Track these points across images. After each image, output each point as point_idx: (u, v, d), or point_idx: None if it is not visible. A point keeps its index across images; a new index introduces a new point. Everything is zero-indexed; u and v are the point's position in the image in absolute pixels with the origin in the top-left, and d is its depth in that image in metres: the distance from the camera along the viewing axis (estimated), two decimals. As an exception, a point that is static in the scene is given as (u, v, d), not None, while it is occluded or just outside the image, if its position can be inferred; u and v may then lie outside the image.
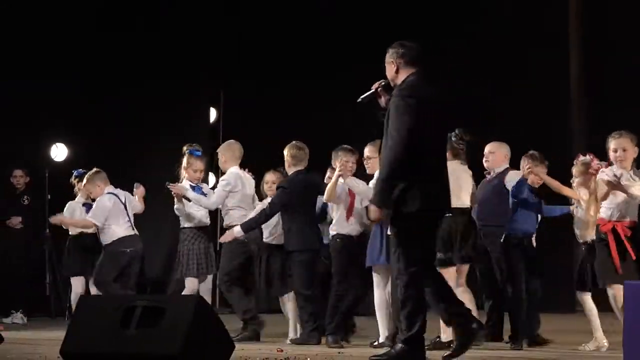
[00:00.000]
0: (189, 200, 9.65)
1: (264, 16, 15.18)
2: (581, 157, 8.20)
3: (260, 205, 9.49)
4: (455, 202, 8.45)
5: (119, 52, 14.16)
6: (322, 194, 9.01)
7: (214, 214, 10.24)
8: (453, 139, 8.67)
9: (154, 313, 6.05)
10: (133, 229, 10.22)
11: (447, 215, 8.41)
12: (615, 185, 7.62)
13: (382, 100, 7.08)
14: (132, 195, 10.32)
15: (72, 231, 10.95)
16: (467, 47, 14.91)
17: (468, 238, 8.53)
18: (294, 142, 9.16)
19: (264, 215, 9.11)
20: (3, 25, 13.59)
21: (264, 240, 9.50)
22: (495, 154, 9.47)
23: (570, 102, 14.59)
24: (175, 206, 9.78)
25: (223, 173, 9.86)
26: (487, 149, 9.48)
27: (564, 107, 14.53)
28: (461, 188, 8.54)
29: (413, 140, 6.66)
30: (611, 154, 7.81)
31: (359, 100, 7.11)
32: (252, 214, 9.37)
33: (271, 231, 9.45)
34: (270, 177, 9.51)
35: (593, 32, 14.44)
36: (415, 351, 6.74)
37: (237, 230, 9.14)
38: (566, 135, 14.18)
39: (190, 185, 9.77)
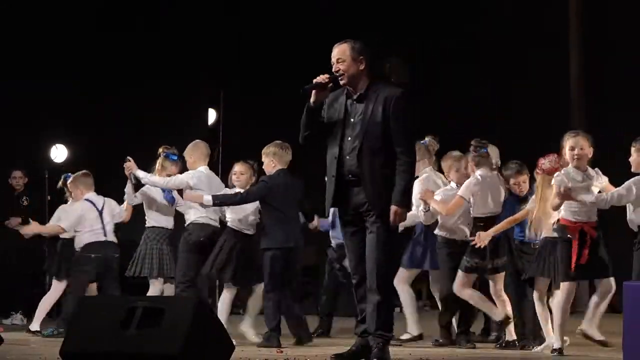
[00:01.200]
0: (138, 182, 9.63)
1: (264, 16, 15.20)
2: (541, 160, 8.19)
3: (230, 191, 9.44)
4: (486, 211, 8.50)
5: (119, 53, 14.17)
6: (301, 195, 9.03)
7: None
8: (472, 149, 8.72)
9: (154, 314, 6.04)
10: (105, 235, 10.15)
11: (478, 224, 8.48)
12: (564, 195, 7.65)
13: (321, 94, 6.96)
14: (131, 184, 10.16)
15: (63, 234, 10.87)
16: (467, 47, 14.93)
17: (499, 247, 8.56)
18: (276, 141, 9.12)
19: (238, 198, 9.00)
20: (3, 25, 13.59)
21: (230, 224, 9.40)
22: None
23: (570, 102, 14.59)
24: (126, 188, 9.74)
25: None
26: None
27: (564, 107, 14.54)
28: (489, 196, 8.58)
29: None
30: (568, 152, 7.80)
31: (304, 89, 7.00)
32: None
33: (242, 219, 9.37)
34: (239, 168, 9.37)
35: (593, 32, 14.46)
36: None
37: (207, 199, 8.98)
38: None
39: (162, 189, 9.76)
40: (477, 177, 8.62)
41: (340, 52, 6.97)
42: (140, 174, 9.56)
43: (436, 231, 8.94)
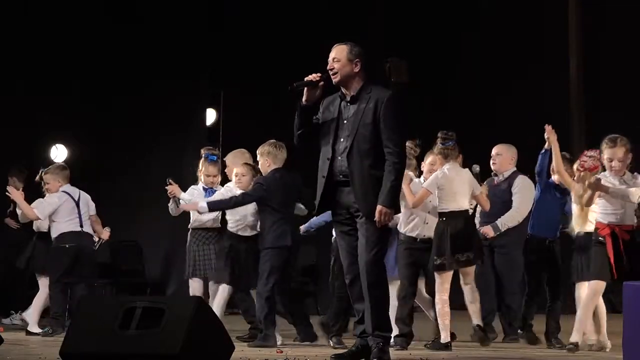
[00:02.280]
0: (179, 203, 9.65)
1: (264, 16, 15.18)
2: (584, 153, 8.19)
3: (223, 189, 9.39)
4: (450, 205, 8.46)
5: (119, 53, 14.16)
6: (297, 193, 9.01)
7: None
8: (439, 141, 8.63)
9: (154, 314, 6.04)
10: (81, 226, 10.15)
11: (442, 219, 8.45)
12: (596, 186, 7.66)
13: (312, 93, 7.01)
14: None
15: (35, 227, 10.83)
16: (467, 47, 14.92)
17: (465, 240, 8.49)
18: (272, 140, 9.11)
19: (233, 201, 8.98)
20: (3, 25, 13.58)
21: (228, 227, 9.39)
22: (502, 157, 9.45)
23: (570, 103, 14.59)
24: (169, 204, 9.76)
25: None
26: (494, 151, 9.46)
27: (564, 107, 14.53)
28: (455, 191, 8.50)
29: None
30: (606, 162, 7.84)
31: (293, 86, 7.02)
32: (216, 195, 9.31)
33: (238, 221, 9.37)
34: (239, 170, 9.32)
35: (592, 32, 14.45)
36: None
37: (202, 206, 8.98)
38: (565, 136, 14.17)
39: (204, 188, 9.73)
40: (444, 171, 8.55)
41: (337, 52, 7.05)
42: (185, 196, 9.53)
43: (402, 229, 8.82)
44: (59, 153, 13.67)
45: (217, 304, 9.24)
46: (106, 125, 13.99)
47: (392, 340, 8.48)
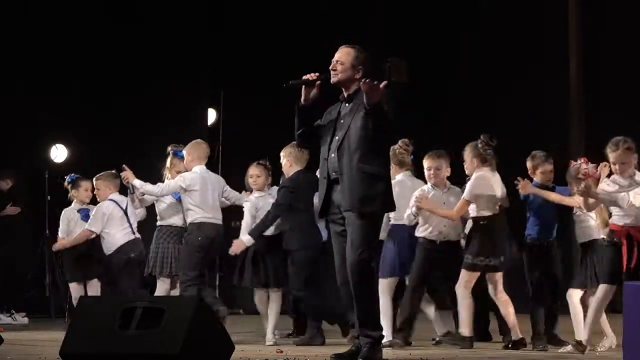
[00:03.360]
0: (135, 189, 9.68)
1: (264, 16, 15.18)
2: (572, 164, 8.18)
3: (246, 205, 9.38)
4: (488, 210, 8.47)
5: (119, 53, 14.16)
6: None
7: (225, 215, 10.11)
8: (479, 145, 8.62)
9: (154, 314, 6.05)
10: (134, 233, 10.12)
11: (482, 222, 8.45)
12: (584, 192, 7.67)
13: (310, 92, 7.00)
14: (130, 194, 10.16)
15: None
16: (467, 47, 14.92)
17: (503, 245, 8.54)
18: (294, 142, 9.11)
19: (271, 218, 9.03)
20: (3, 25, 13.58)
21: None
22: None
23: (570, 103, 14.58)
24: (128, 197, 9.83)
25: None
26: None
27: (564, 107, 14.53)
28: (493, 195, 8.52)
29: None
30: (612, 167, 7.84)
31: (289, 83, 7.02)
32: (246, 216, 9.29)
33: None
34: (253, 171, 9.38)
35: (592, 32, 14.44)
36: None
37: (247, 239, 9.03)
38: (565, 136, 14.19)
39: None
40: (480, 177, 8.54)
41: (342, 55, 7.04)
42: (137, 183, 9.62)
43: (418, 233, 8.85)
44: (59, 153, 13.68)
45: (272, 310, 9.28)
46: (106, 125, 13.98)
47: (390, 338, 8.53)
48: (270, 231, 9.21)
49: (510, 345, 8.49)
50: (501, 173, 9.25)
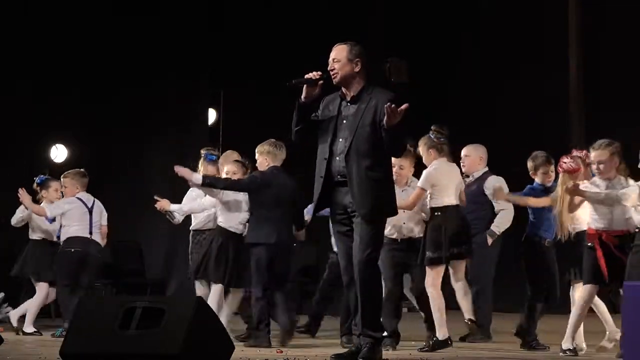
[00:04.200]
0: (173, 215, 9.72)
1: (264, 16, 15.19)
2: (573, 152, 8.18)
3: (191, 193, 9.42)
4: (445, 200, 8.43)
5: (119, 53, 14.16)
6: (292, 195, 8.95)
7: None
8: (432, 135, 8.55)
9: (154, 314, 6.05)
10: (90, 233, 10.14)
11: (436, 213, 8.41)
12: (572, 191, 7.67)
13: (311, 91, 7.01)
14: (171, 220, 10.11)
15: (32, 235, 10.78)
16: (467, 47, 14.92)
17: (460, 234, 8.45)
18: (271, 139, 9.10)
19: (228, 183, 8.95)
20: (3, 25, 13.58)
21: (219, 223, 9.32)
22: (470, 158, 9.46)
23: (570, 103, 14.58)
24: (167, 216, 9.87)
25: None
26: (463, 152, 9.46)
27: (564, 107, 14.53)
28: (448, 186, 8.45)
29: None
30: (592, 166, 7.83)
31: (292, 82, 7.02)
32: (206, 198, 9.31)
33: (232, 218, 9.33)
34: (230, 167, 9.29)
35: (592, 32, 14.45)
36: None
37: (196, 177, 8.94)
38: (565, 136, 14.18)
39: None
40: (437, 167, 8.46)
41: (337, 53, 7.05)
42: (174, 207, 9.63)
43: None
44: (59, 153, 13.67)
45: (211, 302, 9.19)
46: (106, 125, 13.98)
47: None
48: (238, 229, 9.20)
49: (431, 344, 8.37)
50: (501, 173, 9.27)
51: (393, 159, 8.53)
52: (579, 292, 8.05)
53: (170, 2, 14.88)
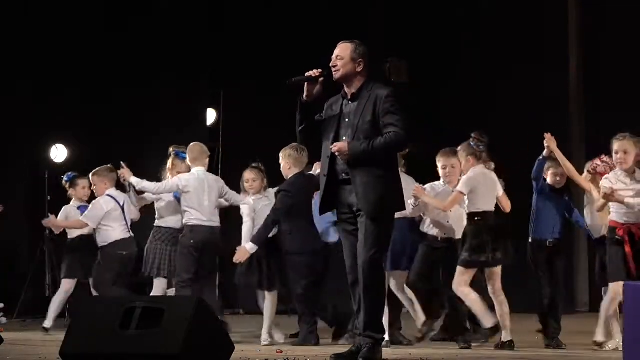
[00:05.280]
0: (134, 187, 9.73)
1: (264, 16, 15.18)
2: (601, 157, 8.24)
3: (244, 209, 9.37)
4: (484, 207, 8.46)
5: (118, 53, 14.16)
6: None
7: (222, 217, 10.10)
8: (472, 143, 8.63)
9: (154, 314, 6.05)
10: (129, 231, 10.19)
11: (476, 218, 8.44)
12: (610, 197, 7.68)
13: (312, 89, 7.01)
14: (127, 192, 10.24)
15: (70, 234, 10.86)
16: (467, 47, 14.91)
17: (499, 241, 8.47)
18: (293, 144, 9.11)
19: (271, 223, 8.99)
20: (3, 25, 13.58)
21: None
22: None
23: (570, 103, 14.58)
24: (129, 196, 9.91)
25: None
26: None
27: (564, 107, 14.53)
28: (486, 192, 8.49)
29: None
30: (613, 156, 7.85)
31: (292, 81, 7.02)
32: (246, 220, 9.28)
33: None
34: (249, 175, 9.37)
35: (592, 32, 14.45)
36: None
37: (251, 247, 8.99)
38: (565, 136, 14.18)
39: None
40: (476, 172, 8.54)
41: (341, 50, 7.05)
42: (134, 180, 9.67)
43: (425, 228, 8.91)
44: (59, 153, 13.67)
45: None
46: (106, 125, 13.98)
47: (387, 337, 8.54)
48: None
49: (500, 346, 8.45)
50: (501, 173, 9.26)
51: (443, 159, 8.68)
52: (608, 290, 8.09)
53: (170, 2, 14.88)
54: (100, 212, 10.07)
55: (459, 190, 8.52)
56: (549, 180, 8.64)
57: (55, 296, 10.81)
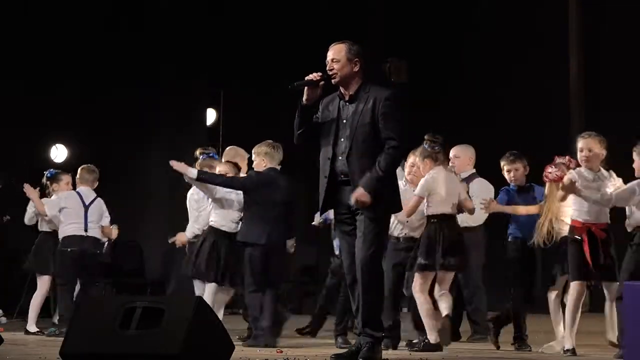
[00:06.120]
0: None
1: (264, 16, 15.19)
2: (556, 159, 8.19)
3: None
4: (440, 209, 8.40)
5: (118, 53, 14.17)
6: (287, 196, 8.94)
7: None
8: (425, 145, 8.50)
9: (154, 314, 6.04)
10: (86, 230, 10.13)
11: (432, 221, 8.39)
12: (568, 188, 7.67)
13: (312, 92, 7.00)
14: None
15: (42, 227, 10.79)
16: (467, 48, 14.92)
17: (455, 246, 8.37)
18: (269, 140, 9.08)
19: (223, 179, 8.89)
20: (3, 25, 13.59)
21: (211, 222, 9.28)
22: (460, 159, 9.45)
23: (570, 102, 14.59)
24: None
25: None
26: (452, 153, 9.43)
27: (564, 107, 14.54)
28: (446, 195, 8.38)
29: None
30: (578, 154, 7.85)
31: (293, 85, 7.01)
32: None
33: (225, 216, 9.29)
34: (222, 168, 9.27)
35: (592, 32, 14.46)
36: None
37: (192, 172, 8.90)
38: (565, 136, 14.18)
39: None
40: (433, 175, 8.41)
41: (335, 52, 7.02)
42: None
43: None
44: (59, 153, 13.66)
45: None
46: (106, 125, 13.99)
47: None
48: (231, 228, 9.16)
49: (422, 346, 8.31)
50: (501, 173, 9.25)
51: (411, 159, 8.64)
52: (553, 294, 8.08)
53: (170, 3, 14.88)
54: (57, 201, 10.10)
55: (417, 194, 8.39)
56: (507, 178, 8.63)
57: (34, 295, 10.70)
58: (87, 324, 6.24)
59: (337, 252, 9.59)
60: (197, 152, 9.85)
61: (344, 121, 7.00)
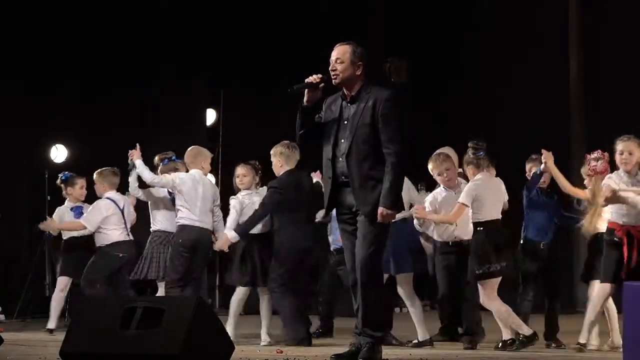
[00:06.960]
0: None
1: (264, 16, 15.19)
2: (588, 157, 8.22)
3: (232, 202, 9.35)
4: (487, 215, 8.40)
5: (118, 53, 14.17)
6: (314, 194, 8.97)
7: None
8: (470, 151, 8.55)
9: (154, 314, 6.05)
10: (128, 234, 10.19)
11: (479, 228, 8.39)
12: (611, 199, 7.67)
13: (313, 94, 7.00)
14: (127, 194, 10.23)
15: (65, 234, 10.83)
16: (467, 48, 14.92)
17: (509, 249, 8.42)
18: (285, 141, 9.11)
19: (257, 217, 9.00)
20: (3, 25, 13.59)
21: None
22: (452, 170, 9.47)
23: (570, 102, 14.59)
24: (129, 177, 9.76)
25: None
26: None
27: (564, 107, 14.53)
28: (489, 200, 8.41)
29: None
30: (617, 156, 7.84)
31: (293, 89, 7.01)
32: (232, 212, 9.24)
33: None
34: (240, 171, 9.35)
35: (592, 32, 14.45)
36: None
37: (232, 236, 9.00)
38: (565, 136, 14.19)
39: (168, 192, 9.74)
40: (477, 182, 8.47)
41: (340, 53, 7.00)
42: (139, 162, 9.51)
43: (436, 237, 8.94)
44: (59, 153, 13.67)
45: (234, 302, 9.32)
46: (106, 125, 13.98)
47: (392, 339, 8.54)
48: (257, 229, 9.17)
49: (500, 345, 8.40)
50: (501, 174, 9.26)
51: (433, 165, 8.70)
52: (595, 290, 8.07)
53: (170, 2, 14.88)
54: (99, 216, 10.07)
55: (461, 202, 8.44)
56: (541, 182, 8.65)
57: (53, 296, 10.78)
58: (87, 324, 6.24)
59: (331, 248, 9.67)
60: (156, 159, 9.87)
61: (345, 122, 7.00)
